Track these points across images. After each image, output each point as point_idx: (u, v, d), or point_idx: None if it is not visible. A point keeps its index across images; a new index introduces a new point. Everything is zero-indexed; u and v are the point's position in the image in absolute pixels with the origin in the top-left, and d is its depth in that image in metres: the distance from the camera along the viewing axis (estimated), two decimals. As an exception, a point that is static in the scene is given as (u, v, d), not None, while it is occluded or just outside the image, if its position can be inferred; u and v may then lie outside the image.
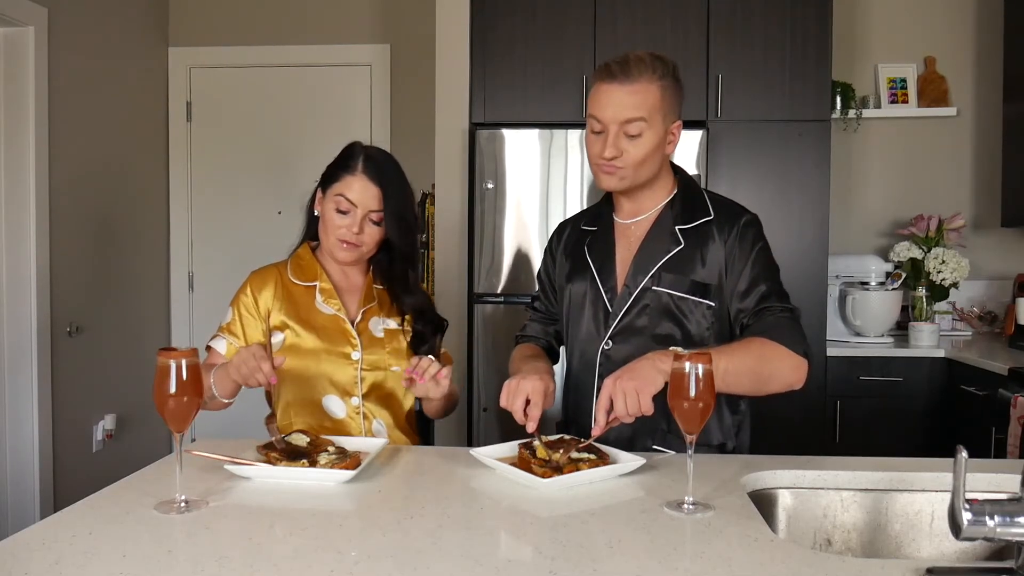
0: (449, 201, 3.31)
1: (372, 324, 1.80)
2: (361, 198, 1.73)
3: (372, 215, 1.75)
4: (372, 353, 1.77)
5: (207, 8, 4.19)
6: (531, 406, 1.49)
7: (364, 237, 1.75)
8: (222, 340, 1.76)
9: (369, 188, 1.73)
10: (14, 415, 3.17)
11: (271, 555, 1.04)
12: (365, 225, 1.75)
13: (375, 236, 1.77)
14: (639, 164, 1.59)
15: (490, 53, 3.21)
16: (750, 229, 1.63)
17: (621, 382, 1.40)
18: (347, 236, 1.74)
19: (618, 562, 1.02)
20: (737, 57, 3.16)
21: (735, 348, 1.52)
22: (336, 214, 1.74)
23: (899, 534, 1.38)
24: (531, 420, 1.48)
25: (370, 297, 1.83)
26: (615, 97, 1.55)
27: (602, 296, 1.67)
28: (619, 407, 1.39)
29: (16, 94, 3.15)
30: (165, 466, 1.44)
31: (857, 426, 3.17)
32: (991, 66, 3.66)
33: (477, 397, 3.15)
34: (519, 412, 1.49)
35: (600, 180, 1.64)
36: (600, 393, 1.42)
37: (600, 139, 1.59)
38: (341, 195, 1.73)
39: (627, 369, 1.42)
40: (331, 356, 1.74)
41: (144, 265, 4.01)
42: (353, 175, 1.74)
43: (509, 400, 1.50)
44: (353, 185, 1.73)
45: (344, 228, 1.73)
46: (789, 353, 1.53)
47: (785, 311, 1.59)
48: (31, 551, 1.05)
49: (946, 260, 3.38)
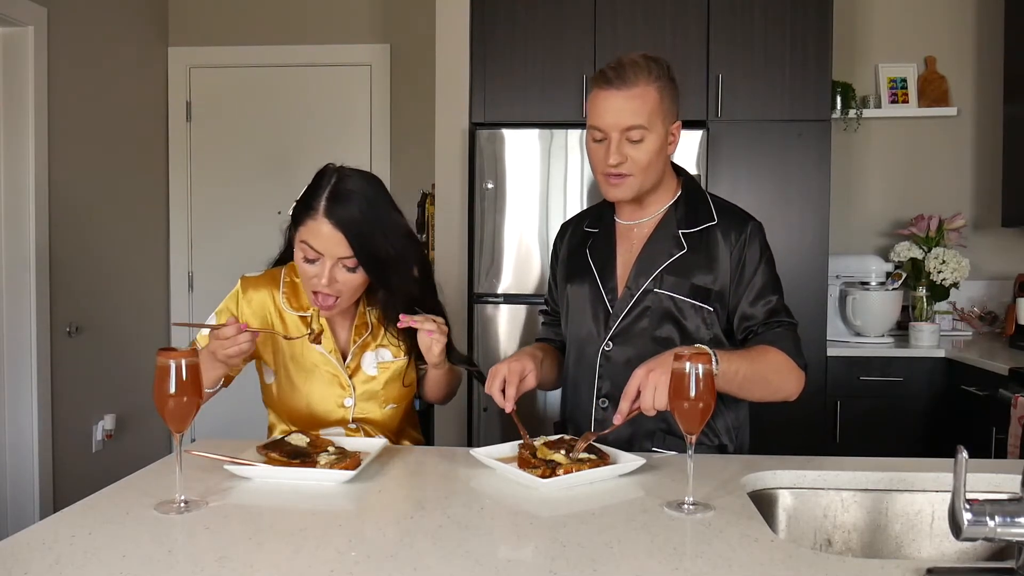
0: (449, 201, 3.31)
1: (365, 361, 1.69)
2: (327, 245, 1.52)
3: (344, 262, 1.54)
4: (365, 396, 1.69)
5: (207, 8, 4.19)
6: (507, 386, 1.52)
7: (340, 287, 1.56)
8: None
9: (334, 234, 1.51)
10: (14, 415, 3.17)
11: (271, 555, 1.04)
12: (337, 272, 1.55)
13: (352, 283, 1.57)
14: (644, 169, 1.58)
15: (490, 53, 3.21)
16: (756, 236, 1.64)
17: (655, 375, 1.38)
18: (319, 287, 1.55)
19: (618, 562, 1.02)
20: (737, 57, 3.16)
21: (755, 356, 1.54)
22: (304, 263, 1.56)
23: (899, 534, 1.38)
24: (508, 401, 1.51)
25: (363, 328, 1.71)
26: (614, 104, 1.55)
27: (603, 297, 1.66)
28: (647, 399, 1.37)
29: (16, 94, 3.15)
30: (165, 466, 1.44)
31: (857, 426, 3.17)
32: (991, 66, 3.66)
33: (477, 397, 3.15)
34: (497, 395, 1.52)
35: (607, 192, 1.62)
36: (629, 382, 1.40)
37: (602, 147, 1.58)
38: (305, 242, 1.54)
39: (660, 363, 1.39)
40: (323, 401, 1.68)
41: (144, 265, 4.02)
42: (315, 220, 1.52)
43: (488, 385, 1.53)
44: (317, 231, 1.52)
45: (315, 278, 1.54)
46: (795, 367, 1.58)
47: (791, 325, 1.63)
48: (31, 551, 1.05)
49: (946, 260, 3.38)
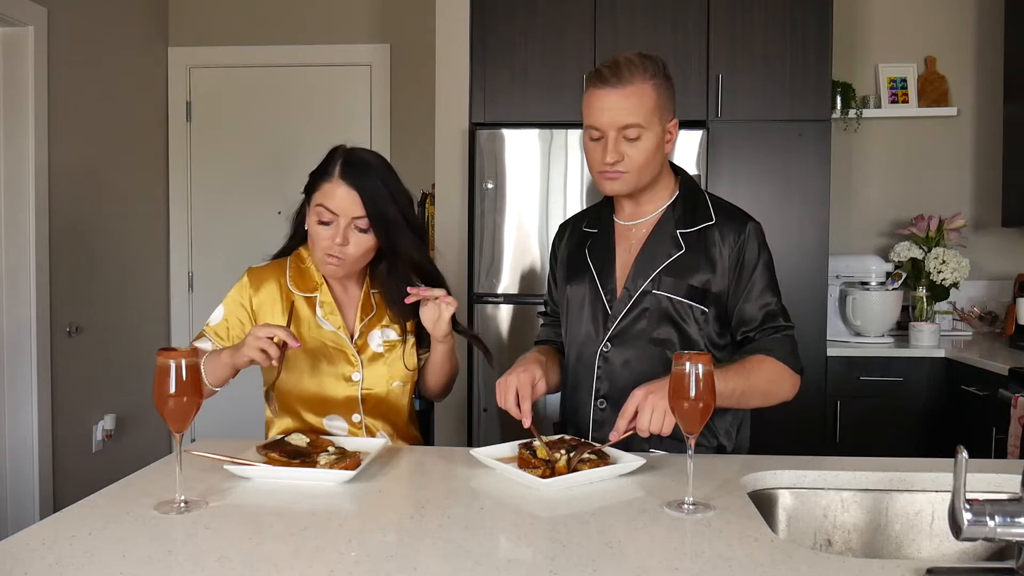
0: (449, 201, 3.31)
1: (371, 338, 1.73)
2: (342, 205, 1.61)
3: (357, 222, 1.62)
4: (373, 371, 1.72)
5: (207, 8, 4.19)
6: (521, 399, 1.51)
7: (350, 249, 1.63)
8: (207, 341, 1.69)
9: (349, 194, 1.61)
10: (14, 415, 3.17)
11: (271, 555, 1.04)
12: (350, 234, 1.62)
13: (363, 245, 1.65)
14: (641, 167, 1.58)
15: (490, 53, 3.21)
16: (755, 237, 1.64)
17: (653, 397, 1.39)
18: (332, 249, 1.62)
19: (618, 562, 1.02)
20: (737, 57, 3.16)
21: (750, 370, 1.55)
22: (319, 226, 1.63)
23: (899, 534, 1.38)
24: (524, 415, 1.50)
25: (368, 308, 1.75)
26: (610, 102, 1.55)
27: (601, 298, 1.66)
28: (643, 421, 1.39)
29: (16, 94, 3.15)
30: (165, 466, 1.44)
31: (857, 426, 3.17)
32: (991, 66, 3.66)
33: (477, 397, 3.15)
34: (513, 409, 1.51)
35: (603, 186, 1.63)
36: (627, 402, 1.42)
37: (599, 146, 1.58)
38: (321, 205, 1.62)
39: (660, 386, 1.40)
40: (332, 377, 1.69)
41: (144, 265, 4.02)
42: (331, 182, 1.62)
43: (501, 400, 1.53)
44: (333, 193, 1.61)
45: (327, 240, 1.62)
46: (791, 373, 1.60)
47: (788, 330, 1.63)
48: (31, 551, 1.05)
49: (946, 260, 3.38)
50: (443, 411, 3.23)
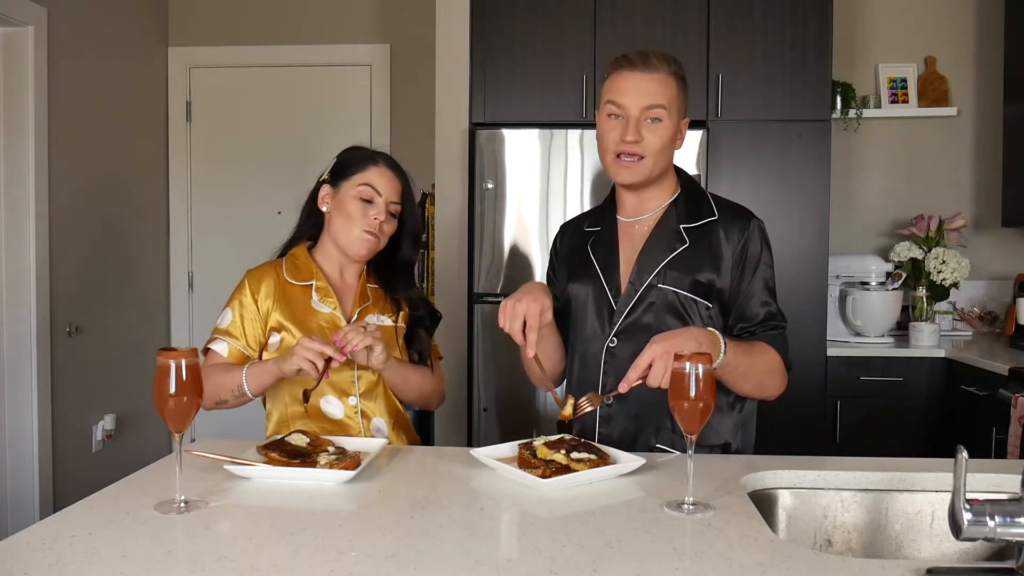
0: (449, 201, 3.31)
1: (367, 322, 1.78)
2: (388, 187, 1.77)
3: (392, 207, 1.78)
4: None
5: (207, 8, 4.19)
6: (528, 329, 1.48)
7: (385, 227, 1.77)
8: (223, 343, 1.74)
9: (392, 180, 1.78)
10: (14, 415, 3.17)
11: (271, 555, 1.04)
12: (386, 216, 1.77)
13: (390, 229, 1.80)
14: (657, 153, 1.60)
15: (490, 53, 3.21)
16: (758, 234, 1.65)
17: (668, 356, 1.36)
18: (372, 225, 1.74)
19: (618, 562, 1.02)
20: (737, 57, 3.16)
21: (755, 352, 1.57)
22: (360, 203, 1.75)
23: (899, 534, 1.38)
24: (529, 345, 1.48)
25: (365, 297, 1.83)
26: (638, 84, 1.58)
27: (606, 294, 1.67)
28: (657, 371, 1.37)
29: (16, 94, 3.15)
30: (165, 466, 1.44)
31: (857, 426, 3.17)
32: (991, 66, 3.66)
33: (477, 397, 3.15)
34: (518, 336, 1.49)
35: (616, 173, 1.63)
36: (643, 353, 1.39)
37: (619, 124, 1.59)
38: (367, 184, 1.76)
39: (670, 337, 1.40)
40: None
41: (144, 265, 4.02)
42: (376, 166, 1.78)
43: (506, 322, 1.49)
44: (382, 174, 1.77)
45: (369, 217, 1.74)
46: (784, 370, 1.62)
47: (784, 328, 1.66)
48: (31, 551, 1.05)
49: (946, 260, 3.38)
50: (443, 411, 3.22)
